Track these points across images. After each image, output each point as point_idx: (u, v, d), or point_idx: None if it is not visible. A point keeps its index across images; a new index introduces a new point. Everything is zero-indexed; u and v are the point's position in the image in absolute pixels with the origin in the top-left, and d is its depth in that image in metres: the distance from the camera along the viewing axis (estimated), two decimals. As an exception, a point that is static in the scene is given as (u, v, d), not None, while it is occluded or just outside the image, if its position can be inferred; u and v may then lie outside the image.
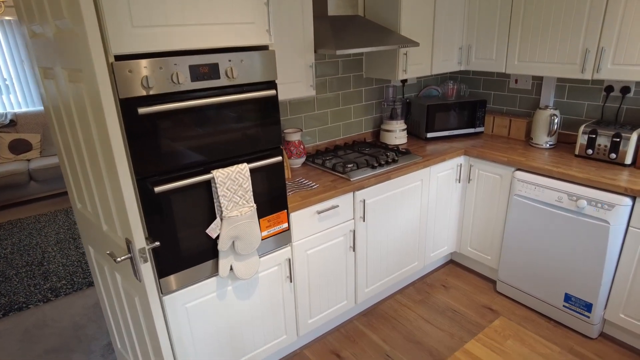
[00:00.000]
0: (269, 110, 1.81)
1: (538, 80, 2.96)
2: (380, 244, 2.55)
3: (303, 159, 2.58)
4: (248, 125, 1.77)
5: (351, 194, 2.30)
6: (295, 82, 2.24)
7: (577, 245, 2.31)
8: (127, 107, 1.46)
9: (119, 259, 1.49)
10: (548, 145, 2.76)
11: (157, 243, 1.59)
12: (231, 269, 1.86)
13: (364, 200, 2.35)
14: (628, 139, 2.33)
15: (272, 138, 1.86)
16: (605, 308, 2.34)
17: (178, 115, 1.57)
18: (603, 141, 2.43)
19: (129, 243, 1.51)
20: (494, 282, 2.96)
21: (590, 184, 2.23)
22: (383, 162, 2.51)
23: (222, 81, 1.65)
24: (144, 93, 1.48)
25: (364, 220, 2.39)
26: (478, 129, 3.09)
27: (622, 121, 2.58)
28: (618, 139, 2.37)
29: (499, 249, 2.78)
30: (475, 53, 2.94)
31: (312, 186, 2.25)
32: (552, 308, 2.53)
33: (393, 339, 2.48)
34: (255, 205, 1.81)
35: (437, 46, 2.82)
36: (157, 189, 1.56)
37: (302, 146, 2.54)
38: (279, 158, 1.87)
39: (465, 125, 3.06)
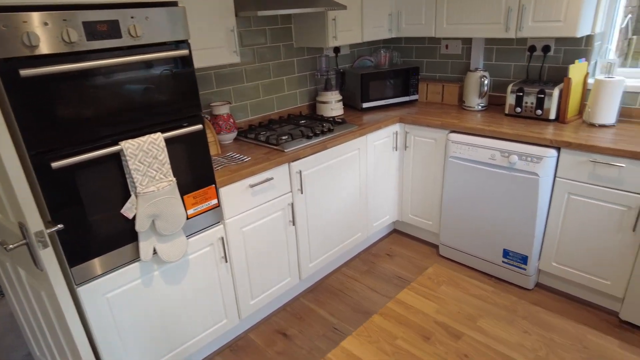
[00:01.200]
0: (183, 73, 1.65)
1: (467, 45, 2.99)
2: (322, 216, 2.47)
3: (234, 134, 2.43)
4: (160, 91, 1.60)
5: (286, 165, 2.19)
6: (216, 48, 2.08)
7: (511, 200, 2.36)
8: (7, 69, 1.25)
9: (10, 246, 1.28)
10: (480, 107, 2.80)
11: (60, 226, 1.39)
12: (155, 252, 1.69)
13: (301, 172, 2.25)
14: (551, 94, 2.39)
15: (190, 105, 1.70)
16: (539, 259, 2.42)
17: (75, 80, 1.37)
18: (530, 99, 2.49)
19: (22, 227, 1.31)
20: (437, 247, 3.00)
21: (520, 139, 2.27)
22: (318, 132, 2.42)
23: (125, 40, 1.47)
24: (27, 53, 1.28)
25: (302, 193, 2.30)
26: (412, 97, 3.08)
27: (545, 79, 2.66)
28: (542, 96, 2.43)
29: (439, 213, 2.81)
30: (405, 19, 2.91)
31: (243, 159, 2.12)
32: (492, 265, 2.59)
33: (340, 311, 2.42)
34: (175, 179, 1.66)
35: (366, 12, 2.75)
36: (55, 165, 1.36)
37: (231, 120, 2.39)
38: (199, 126, 1.72)
39: (400, 93, 3.04)
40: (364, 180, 2.69)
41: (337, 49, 3.08)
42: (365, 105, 2.96)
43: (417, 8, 2.81)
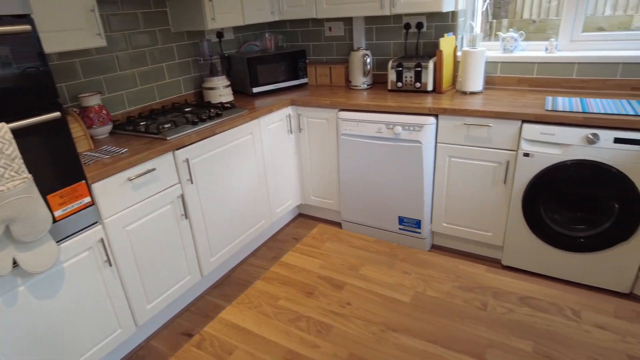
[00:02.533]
0: (29, 54, 1.43)
1: (349, 26, 3.06)
2: (219, 206, 2.36)
3: (109, 127, 2.20)
4: (1, 75, 1.36)
5: (170, 154, 2.03)
6: (74, 30, 1.85)
7: (400, 169, 2.48)
8: None
9: None
10: (365, 85, 2.89)
11: None
12: (16, 263, 1.45)
13: (188, 160, 2.12)
14: (427, 67, 2.55)
15: (43, 91, 1.48)
16: (431, 222, 2.59)
17: None
18: (409, 73, 2.63)
19: None
20: (340, 224, 3.05)
21: (402, 110, 2.39)
22: (205, 118, 2.29)
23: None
24: None
25: (192, 183, 2.16)
26: (302, 80, 3.08)
27: (421, 54, 2.84)
28: (419, 69, 2.58)
29: (338, 190, 2.85)
30: (287, 1, 2.89)
31: (119, 152, 1.92)
32: (390, 234, 2.71)
33: (248, 301, 2.34)
34: (30, 175, 1.43)
35: (245, -7, 2.67)
36: None
37: (104, 112, 2.16)
38: (56, 114, 1.51)
39: (290, 77, 3.02)
40: (261, 166, 2.62)
41: (220, 34, 2.96)
42: (255, 90, 2.89)
43: (297, -11, 2.80)
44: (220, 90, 2.74)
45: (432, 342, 0.70)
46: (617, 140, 1.91)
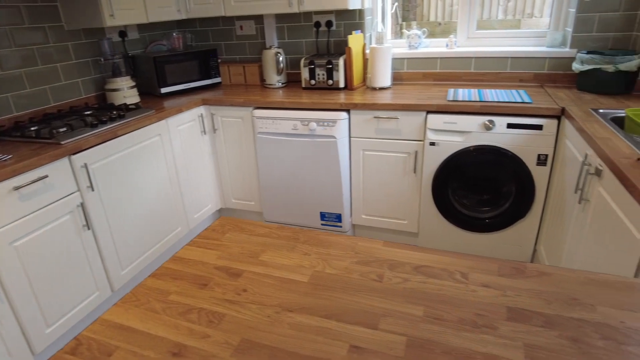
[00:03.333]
0: None
1: (260, 24, 3.04)
2: (127, 214, 2.19)
3: (-10, 133, 1.95)
4: None
5: (66, 159, 1.85)
6: None
7: (318, 164, 2.49)
8: None
9: None
10: (280, 84, 2.88)
11: None
12: None
13: (87, 165, 1.94)
14: (337, 64, 2.60)
15: None
16: (351, 215, 2.63)
17: None
18: (321, 71, 2.66)
19: None
20: (263, 226, 3.00)
21: (316, 107, 2.41)
22: (106, 120, 2.12)
23: None
24: None
25: (93, 190, 1.99)
26: (215, 80, 2.99)
27: (332, 51, 2.89)
28: (330, 66, 2.62)
29: (258, 191, 2.80)
30: (193, -2, 2.79)
31: (1, 159, 1.71)
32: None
33: (166, 313, 2.20)
34: None
35: (146, -11, 2.53)
36: None
37: (-17, 116, 1.91)
38: None
39: (202, 77, 2.91)
40: (172, 169, 2.49)
41: (123, 33, 2.77)
42: (164, 90, 2.74)
43: (203, -14, 2.72)
44: (125, 92, 2.57)
45: (326, 317, 0.69)
46: (510, 126, 2.08)
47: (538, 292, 0.74)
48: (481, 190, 2.32)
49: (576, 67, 2.26)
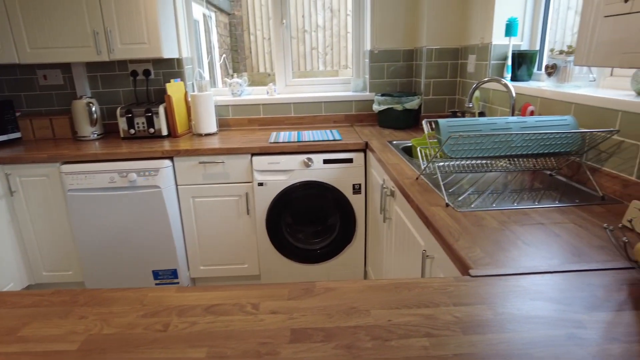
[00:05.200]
0: None
1: (68, 74, 2.77)
2: None
3: None
4: None
5: None
6: None
7: (144, 218, 2.30)
8: None
9: None
10: (95, 135, 2.63)
11: None
12: None
13: None
14: (157, 112, 2.51)
15: None
16: (188, 268, 2.48)
17: None
18: (140, 120, 2.53)
19: None
20: (88, 297, 2.60)
21: (136, 156, 2.25)
22: None
23: None
24: None
25: None
26: (13, 135, 2.58)
27: (153, 100, 2.79)
28: (150, 114, 2.51)
29: (77, 257, 2.44)
30: (-25, 44, 2.40)
31: None
32: (148, 292, 2.46)
33: None
34: None
35: None
36: None
37: None
38: None
39: (-6, 132, 2.48)
40: (-50, 246, 2.00)
41: None
42: None
43: (-13, 31, 2.37)
44: None
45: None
46: (326, 161, 2.26)
47: (322, 308, 0.78)
48: (313, 222, 2.44)
49: (375, 107, 2.62)
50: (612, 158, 1.34)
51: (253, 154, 2.27)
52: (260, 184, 2.28)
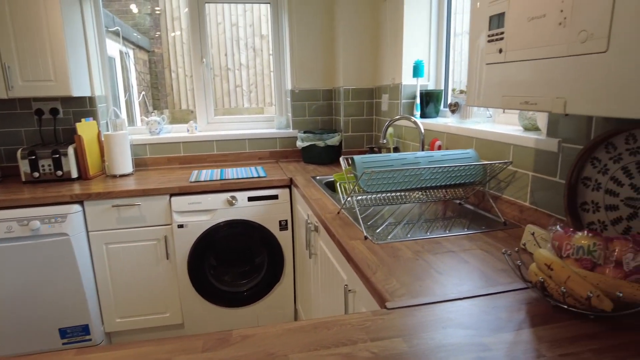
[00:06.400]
0: None
1: (-42, 113, 2.49)
2: None
3: None
4: None
5: None
6: None
7: (49, 270, 2.08)
8: None
9: None
10: (-10, 180, 2.37)
11: None
12: None
13: None
14: (66, 154, 2.33)
15: None
16: (102, 322, 2.26)
17: None
18: (46, 162, 2.32)
19: None
20: (-23, 367, 2.25)
21: (40, 202, 2.05)
22: None
23: None
24: None
25: None
26: None
27: (62, 140, 2.59)
28: (58, 156, 2.33)
29: (-36, 321, 2.12)
30: None
31: None
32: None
33: None
34: None
35: None
36: None
37: None
38: None
39: None
40: None
41: None
42: None
43: None
44: None
45: None
46: (250, 199, 2.23)
47: (238, 358, 0.75)
48: (239, 262, 2.37)
49: (299, 144, 2.67)
50: (509, 186, 1.48)
51: (172, 195, 2.18)
52: (181, 226, 2.18)
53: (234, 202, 2.20)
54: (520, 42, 0.80)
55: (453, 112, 1.88)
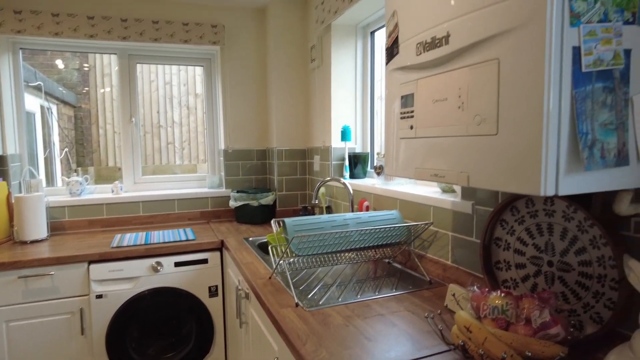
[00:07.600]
0: None
1: None
2: None
3: None
4: None
5: None
6: None
7: None
8: None
9: None
10: None
11: None
12: None
13: None
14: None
15: None
16: (-5, 416, 1.94)
17: None
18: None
19: None
20: None
21: None
22: None
23: None
24: None
25: None
26: None
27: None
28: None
29: None
30: None
31: None
32: None
33: None
34: None
35: None
36: None
37: None
38: None
39: None
40: None
41: None
42: None
43: None
44: None
45: None
46: (177, 264, 2.12)
47: None
48: (165, 334, 2.19)
49: (232, 203, 2.63)
50: (432, 245, 1.56)
51: (91, 262, 2.01)
52: (99, 296, 2.00)
53: (159, 268, 2.08)
54: (428, 121, 0.88)
55: (378, 174, 1.98)
